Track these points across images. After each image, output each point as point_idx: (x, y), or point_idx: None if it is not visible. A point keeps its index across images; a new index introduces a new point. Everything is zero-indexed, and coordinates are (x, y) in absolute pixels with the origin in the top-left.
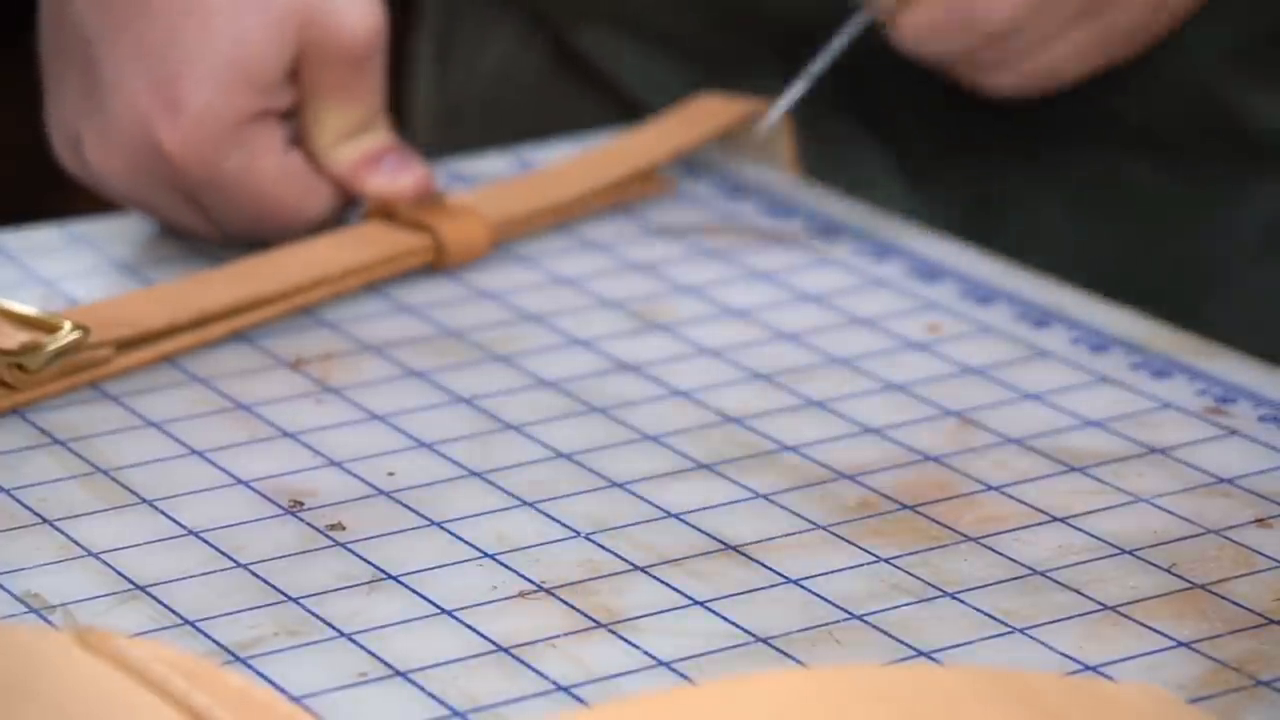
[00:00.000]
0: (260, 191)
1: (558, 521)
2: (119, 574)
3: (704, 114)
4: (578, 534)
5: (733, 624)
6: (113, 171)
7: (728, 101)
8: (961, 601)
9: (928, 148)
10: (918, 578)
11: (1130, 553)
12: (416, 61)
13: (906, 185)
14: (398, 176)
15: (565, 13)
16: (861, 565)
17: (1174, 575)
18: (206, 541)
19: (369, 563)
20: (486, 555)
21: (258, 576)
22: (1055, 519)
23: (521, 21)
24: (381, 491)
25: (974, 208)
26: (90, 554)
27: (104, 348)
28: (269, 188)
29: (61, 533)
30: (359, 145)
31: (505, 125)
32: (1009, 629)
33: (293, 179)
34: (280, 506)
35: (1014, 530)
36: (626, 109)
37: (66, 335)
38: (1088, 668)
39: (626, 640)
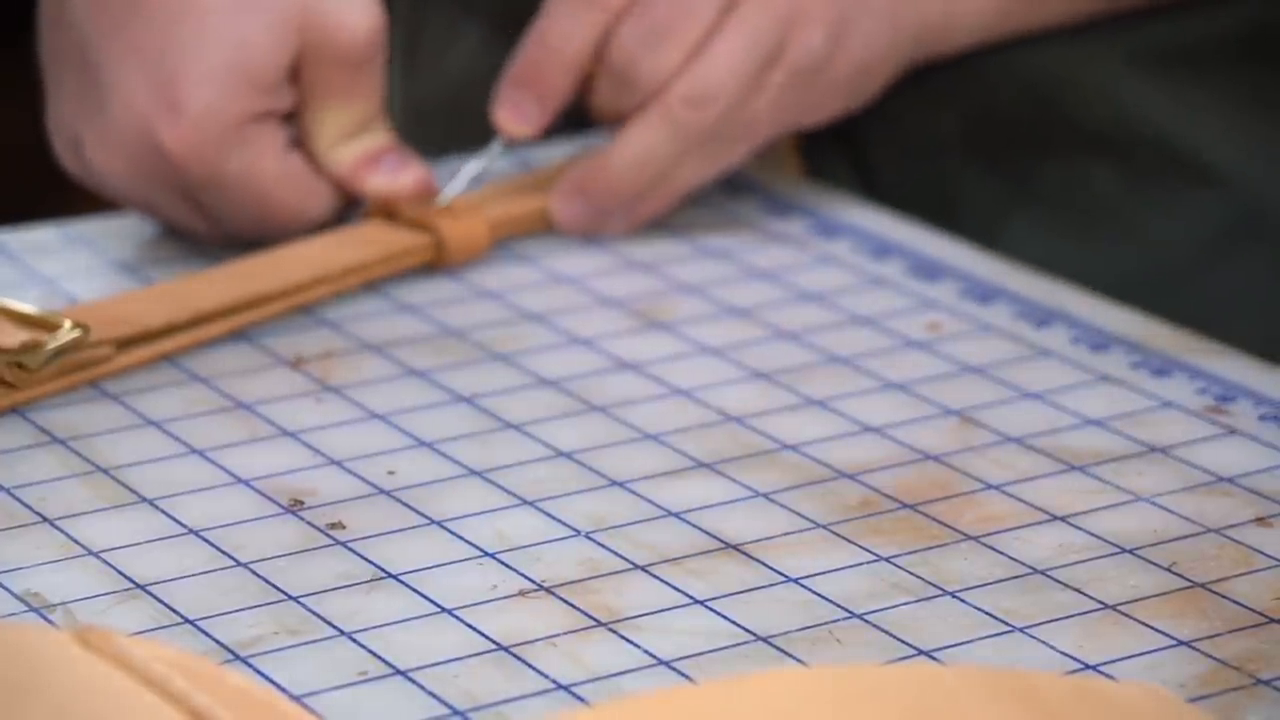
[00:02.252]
0: (262, 192)
1: (558, 520)
2: (119, 573)
3: None
4: (578, 533)
5: (733, 623)
6: (114, 172)
7: None
8: (962, 600)
9: (885, 152)
10: (918, 577)
11: (1130, 552)
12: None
13: (863, 189)
14: (398, 175)
15: (530, 12)
16: (862, 564)
17: (1174, 574)
18: (207, 540)
19: (369, 562)
20: (486, 554)
21: (258, 575)
22: (1055, 518)
23: (488, 23)
24: (382, 490)
25: (930, 212)
26: (90, 553)
27: (104, 346)
28: (270, 188)
29: (62, 531)
30: (359, 145)
31: (471, 126)
32: (1009, 628)
33: (294, 180)
34: (280, 505)
35: (1014, 529)
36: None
37: (67, 334)
38: (1088, 666)
39: (627, 639)
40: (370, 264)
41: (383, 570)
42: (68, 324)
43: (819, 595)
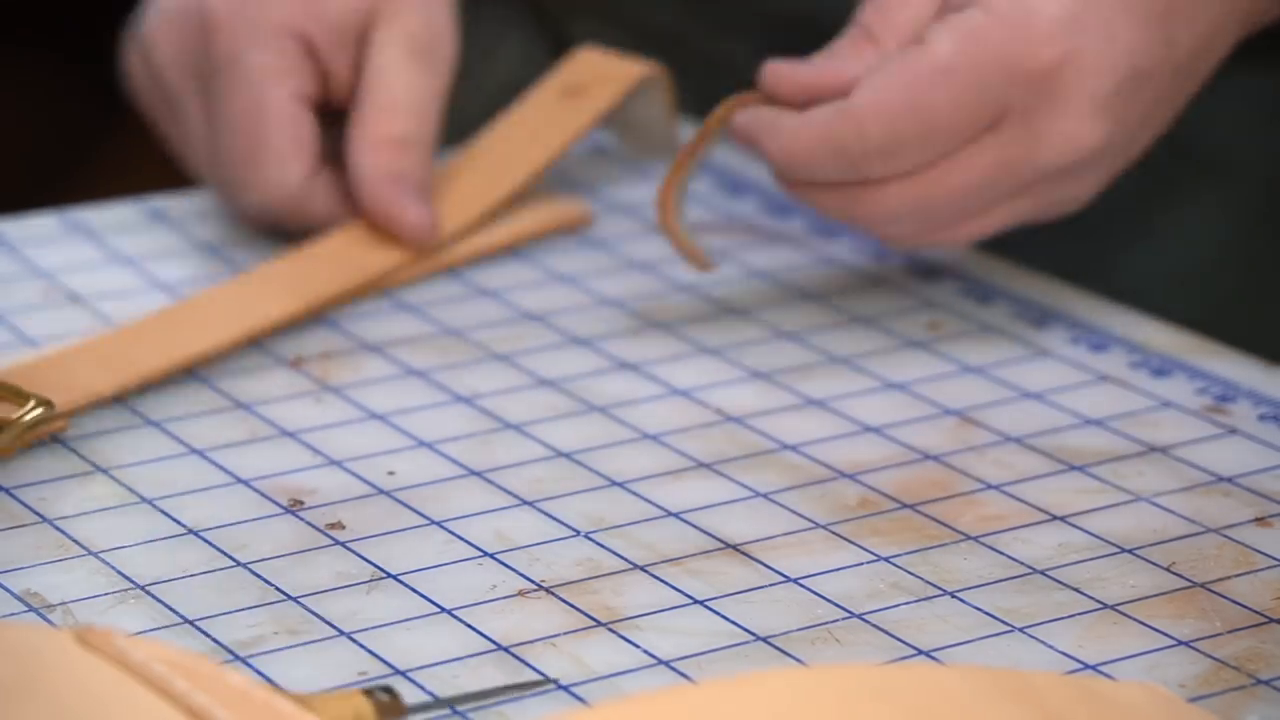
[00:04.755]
0: (261, 107)
1: (557, 520)
2: (119, 573)
3: (598, 76)
4: (577, 533)
5: (733, 623)
6: (159, 41)
7: (613, 60)
8: (961, 600)
9: None
10: (918, 577)
11: (1130, 551)
12: None
13: None
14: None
15: (563, 14)
16: (861, 564)
17: (1173, 574)
18: (206, 540)
19: (369, 562)
20: (486, 554)
21: (258, 575)
22: (1055, 518)
23: (526, 35)
24: (381, 491)
25: None
26: (90, 553)
27: (62, 419)
28: (268, 113)
29: (61, 531)
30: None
31: None
32: (1009, 628)
33: (292, 126)
34: (280, 505)
35: (1014, 529)
36: None
37: (30, 413)
38: (1088, 666)
39: (626, 639)
40: (342, 294)
41: (383, 570)
42: (31, 402)
43: (819, 595)
